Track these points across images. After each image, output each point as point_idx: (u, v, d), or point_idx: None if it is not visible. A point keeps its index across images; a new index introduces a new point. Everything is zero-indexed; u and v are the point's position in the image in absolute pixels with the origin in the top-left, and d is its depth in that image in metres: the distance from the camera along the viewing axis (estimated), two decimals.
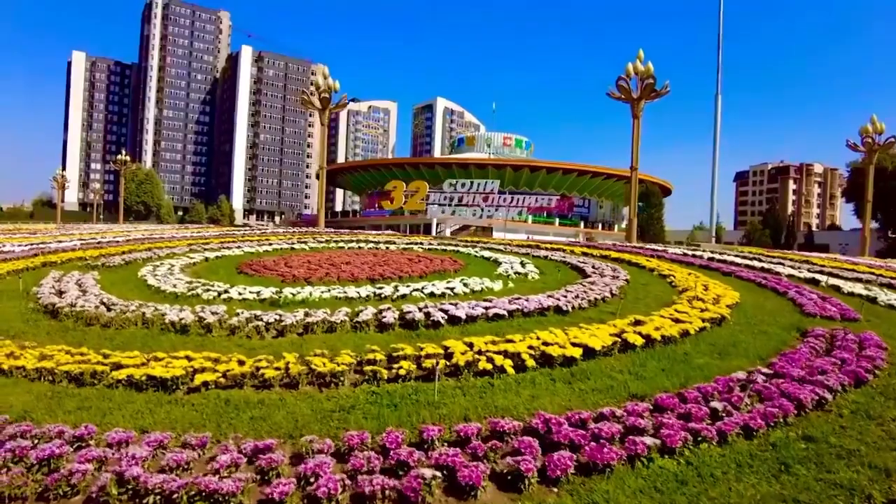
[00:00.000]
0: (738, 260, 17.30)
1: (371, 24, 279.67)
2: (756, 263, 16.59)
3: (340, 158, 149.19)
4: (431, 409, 5.13)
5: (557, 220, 79.31)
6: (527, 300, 8.89)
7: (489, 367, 5.96)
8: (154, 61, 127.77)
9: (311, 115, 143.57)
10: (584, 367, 6.34)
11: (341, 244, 19.10)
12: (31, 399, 5.26)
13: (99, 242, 18.68)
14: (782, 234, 77.02)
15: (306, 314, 7.79)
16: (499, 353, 6.32)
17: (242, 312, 7.90)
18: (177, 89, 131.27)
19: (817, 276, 14.14)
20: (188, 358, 6.11)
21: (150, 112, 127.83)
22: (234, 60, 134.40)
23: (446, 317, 7.90)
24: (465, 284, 10.64)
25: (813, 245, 69.62)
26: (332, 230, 28.84)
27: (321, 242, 19.45)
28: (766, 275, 14.22)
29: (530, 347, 6.50)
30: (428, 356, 6.21)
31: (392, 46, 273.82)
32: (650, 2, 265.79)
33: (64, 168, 75.35)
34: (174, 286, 10.33)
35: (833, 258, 21.29)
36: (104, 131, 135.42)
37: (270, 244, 18.40)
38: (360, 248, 18.47)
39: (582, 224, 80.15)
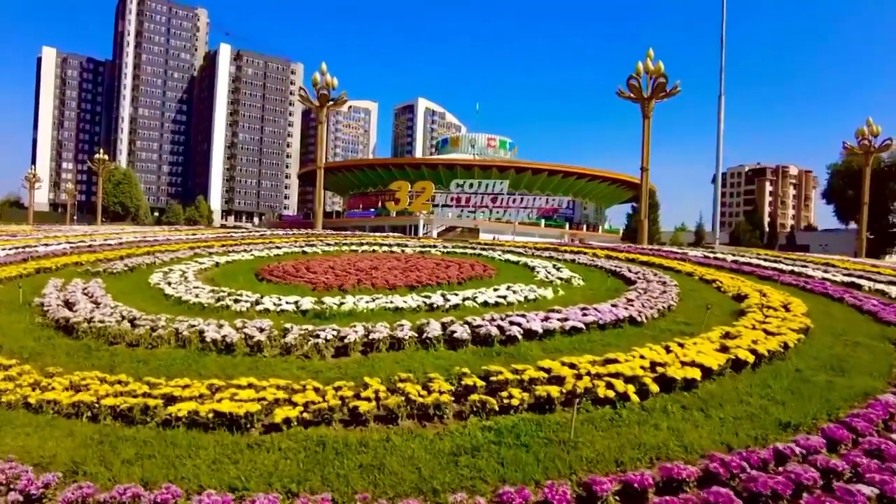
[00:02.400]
0: (765, 263, 16.81)
1: (351, 24, 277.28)
2: (784, 266, 16.12)
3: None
4: (569, 449, 4.29)
5: (543, 222, 79.16)
6: (598, 311, 8.10)
7: (611, 394, 5.15)
8: (129, 58, 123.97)
9: (290, 115, 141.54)
10: (707, 389, 5.58)
11: (353, 247, 18.09)
12: (75, 445, 4.26)
13: (90, 245, 17.32)
14: (765, 235, 78.09)
15: (367, 329, 6.86)
16: (609, 375, 5.52)
17: (292, 327, 6.94)
18: (153, 87, 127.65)
19: (856, 280, 13.68)
20: (252, 386, 5.16)
21: (126, 110, 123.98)
22: (211, 59, 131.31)
23: (522, 331, 7.06)
24: (515, 292, 9.83)
25: (795, 245, 70.59)
26: (332, 231, 27.73)
27: (331, 245, 18.41)
28: (806, 279, 13.70)
29: (643, 368, 5.71)
30: (533, 381, 5.37)
31: (372, 46, 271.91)
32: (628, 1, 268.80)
33: (34, 167, 72.17)
34: (196, 296, 9.27)
35: (845, 259, 21.08)
36: (76, 130, 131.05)
37: (279, 247, 17.28)
38: (374, 251, 17.50)
39: (567, 225, 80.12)
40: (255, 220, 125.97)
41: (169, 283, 10.46)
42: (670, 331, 8.01)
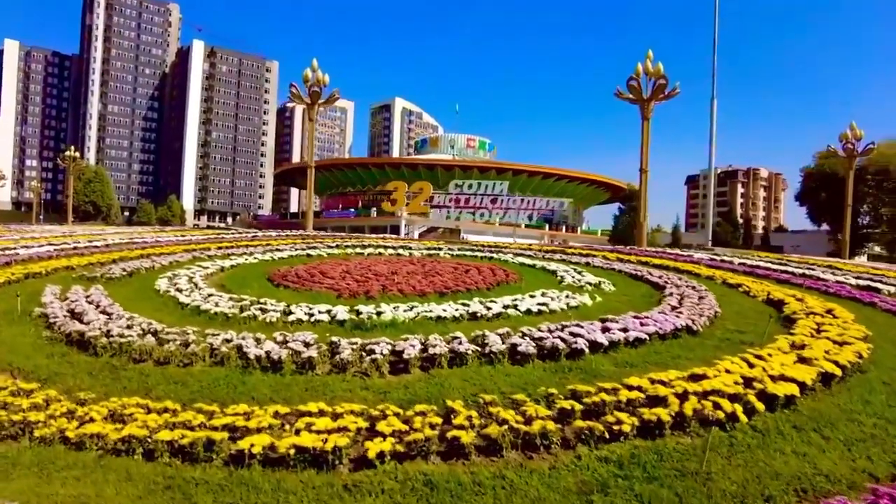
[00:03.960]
0: (774, 265, 16.75)
1: (327, 22, 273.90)
2: (793, 269, 16.08)
3: (295, 157, 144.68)
4: (704, 481, 3.83)
5: (524, 223, 79.28)
6: (655, 320, 7.70)
7: (720, 415, 4.71)
8: (97, 53, 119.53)
9: (265, 114, 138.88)
10: (809, 407, 5.20)
11: (358, 250, 17.38)
12: (139, 493, 3.61)
13: (75, 248, 16.24)
14: (741, 236, 79.61)
15: (423, 343, 6.31)
16: (706, 393, 5.09)
17: (340, 341, 6.33)
18: (123, 83, 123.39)
19: (871, 283, 13.63)
20: (322, 413, 4.57)
21: (94, 107, 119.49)
22: (184, 55, 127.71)
23: (587, 343, 6.59)
24: (553, 299, 9.38)
25: (770, 246, 72.16)
26: (324, 233, 26.90)
27: (332, 248, 17.67)
28: (825, 283, 13.58)
29: (736, 384, 5.29)
30: (630, 402, 4.91)
31: (349, 45, 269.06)
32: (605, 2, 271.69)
33: None
34: (216, 304, 8.54)
35: (845, 262, 21.33)
36: (41, 126, 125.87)
37: (279, 250, 16.47)
38: (380, 254, 16.85)
39: (546, 227, 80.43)
40: (229, 219, 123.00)
41: (180, 290, 9.68)
42: (729, 340, 7.67)
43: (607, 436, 4.40)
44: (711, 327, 8.30)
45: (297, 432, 4.15)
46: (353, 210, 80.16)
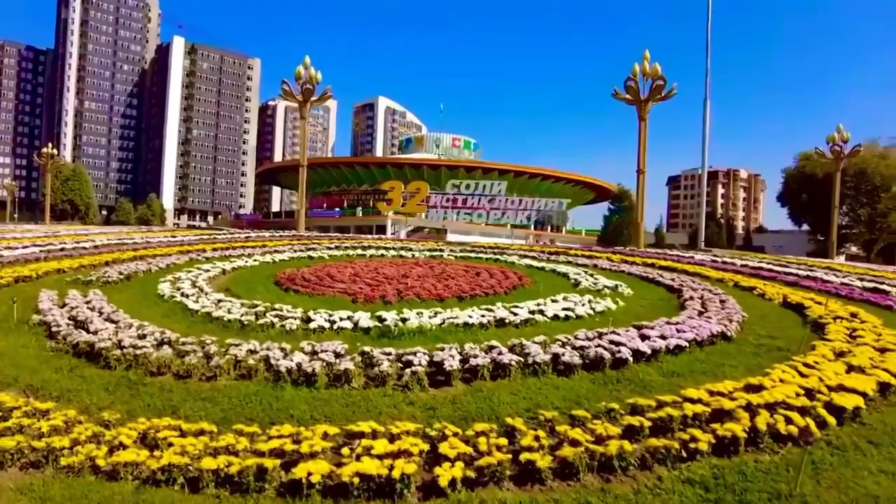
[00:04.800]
0: (777, 267, 16.76)
1: (310, 20, 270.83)
2: (796, 270, 16.11)
3: (277, 156, 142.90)
4: None
5: (510, 224, 79.28)
6: (691, 326, 7.47)
7: (793, 429, 4.47)
8: (74, 48, 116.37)
9: (247, 112, 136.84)
10: (877, 420, 5.00)
11: (359, 251, 16.94)
12: None
13: (63, 249, 15.52)
14: (725, 236, 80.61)
15: (462, 354, 5.98)
16: (768, 405, 4.86)
17: (372, 351, 5.97)
18: (100, 79, 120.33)
19: (877, 285, 13.67)
20: (375, 433, 4.22)
21: (70, 103, 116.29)
22: (164, 51, 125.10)
23: (630, 352, 6.32)
24: (577, 304, 9.12)
25: (752, 246, 73.26)
26: (321, 234, 26.34)
27: (331, 249, 17.19)
28: (835, 285, 13.55)
29: (798, 396, 5.08)
30: (696, 416, 4.65)
31: (332, 43, 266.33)
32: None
33: None
34: (228, 311, 8.10)
35: (843, 263, 21.56)
36: (14, 122, 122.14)
37: (278, 252, 15.95)
38: (382, 255, 16.45)
39: (532, 227, 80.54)
40: (210, 219, 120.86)
41: (186, 295, 9.19)
42: (764, 346, 7.50)
43: (684, 454, 4.13)
44: (743, 333, 8.12)
45: (358, 457, 3.79)
46: (338, 209, 79.21)
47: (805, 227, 69.53)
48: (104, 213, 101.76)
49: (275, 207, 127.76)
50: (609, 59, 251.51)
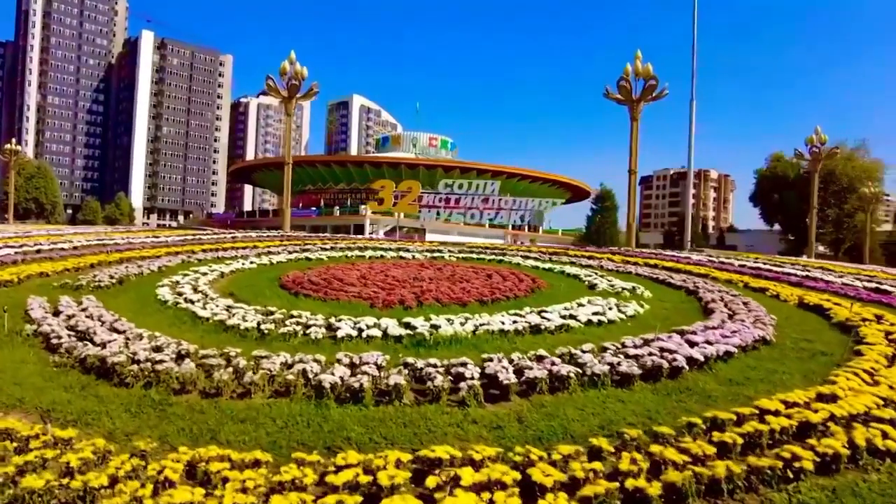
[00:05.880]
0: (776, 268, 16.85)
1: (283, 17, 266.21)
2: (795, 270, 16.20)
3: (249, 154, 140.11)
4: None
5: (487, 223, 79.28)
6: (733, 331, 7.25)
7: (891, 444, 4.22)
8: (35, 41, 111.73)
9: (218, 109, 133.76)
10: None
11: (358, 252, 16.36)
12: None
13: (39, 251, 14.55)
14: (700, 236, 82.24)
15: (514, 365, 5.59)
16: (851, 417, 4.63)
17: (416, 362, 5.54)
18: (64, 74, 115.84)
19: (879, 286, 13.77)
20: (455, 460, 3.79)
21: (32, 98, 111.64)
22: (132, 46, 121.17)
23: (684, 360, 6.03)
24: (606, 308, 8.83)
25: (725, 245, 74.92)
26: (306, 234, 25.59)
27: (326, 250, 16.58)
28: (842, 286, 13.56)
29: (878, 406, 4.85)
30: (784, 431, 4.38)
31: (305, 41, 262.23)
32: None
33: None
34: (244, 318, 7.52)
35: (837, 264, 21.88)
36: None
37: (274, 253, 15.27)
38: (380, 256, 15.92)
39: (510, 226, 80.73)
40: (181, 218, 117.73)
41: (191, 301, 8.57)
42: (804, 349, 7.32)
43: (790, 474, 3.82)
44: (778, 337, 7.93)
45: (451, 491, 3.36)
46: (314, 209, 77.93)
47: (777, 226, 71.39)
48: (69, 212, 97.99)
49: (247, 206, 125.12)
50: (589, 60, 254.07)
